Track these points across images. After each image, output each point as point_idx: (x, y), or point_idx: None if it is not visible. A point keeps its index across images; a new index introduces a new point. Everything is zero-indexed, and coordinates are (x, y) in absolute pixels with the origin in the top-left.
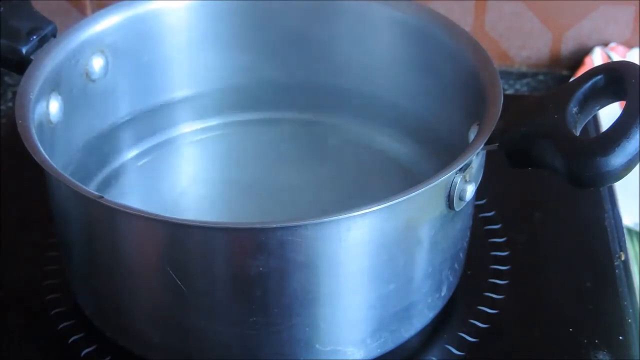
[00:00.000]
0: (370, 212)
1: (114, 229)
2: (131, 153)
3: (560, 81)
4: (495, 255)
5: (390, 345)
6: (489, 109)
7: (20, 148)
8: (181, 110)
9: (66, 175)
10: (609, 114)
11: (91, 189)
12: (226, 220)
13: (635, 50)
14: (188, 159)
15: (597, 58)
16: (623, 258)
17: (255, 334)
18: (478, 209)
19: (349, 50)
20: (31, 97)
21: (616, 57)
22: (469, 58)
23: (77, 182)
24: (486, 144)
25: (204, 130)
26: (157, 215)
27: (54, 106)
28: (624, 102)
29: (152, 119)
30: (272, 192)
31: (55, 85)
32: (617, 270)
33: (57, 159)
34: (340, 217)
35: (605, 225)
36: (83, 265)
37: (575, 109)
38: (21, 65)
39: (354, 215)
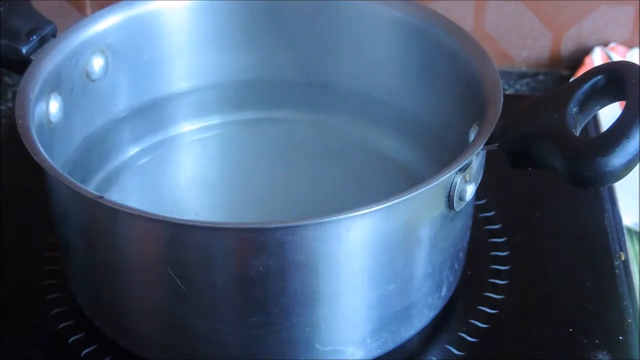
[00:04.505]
0: (370, 212)
1: (114, 229)
2: (131, 153)
3: (560, 81)
4: (495, 255)
5: (390, 345)
6: (489, 109)
7: (20, 148)
8: (181, 110)
9: (66, 175)
10: (609, 114)
11: (91, 188)
12: (226, 220)
13: (635, 50)
14: (188, 158)
15: (597, 58)
16: (623, 258)
17: (255, 334)
18: (478, 209)
19: (349, 50)
20: (31, 97)
21: (616, 57)
22: (469, 58)
23: (77, 182)
24: (486, 144)
25: (204, 129)
26: (157, 215)
27: (53, 106)
28: (624, 102)
29: (152, 119)
30: (272, 192)
31: (55, 85)
32: (617, 270)
33: (56, 158)
34: (340, 217)
35: (605, 225)
36: (83, 265)
37: (575, 109)
38: (21, 65)
39: (354, 215)
